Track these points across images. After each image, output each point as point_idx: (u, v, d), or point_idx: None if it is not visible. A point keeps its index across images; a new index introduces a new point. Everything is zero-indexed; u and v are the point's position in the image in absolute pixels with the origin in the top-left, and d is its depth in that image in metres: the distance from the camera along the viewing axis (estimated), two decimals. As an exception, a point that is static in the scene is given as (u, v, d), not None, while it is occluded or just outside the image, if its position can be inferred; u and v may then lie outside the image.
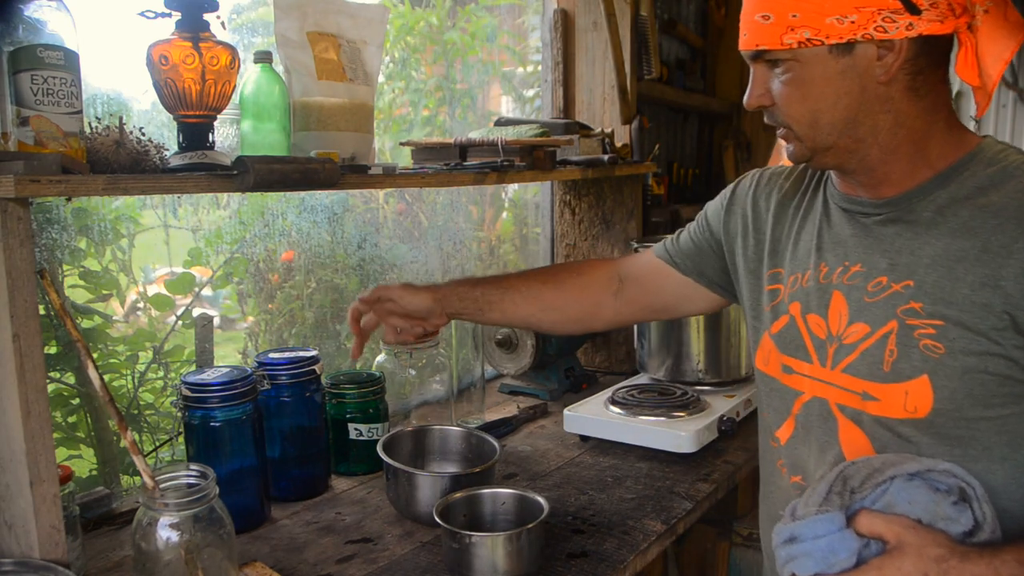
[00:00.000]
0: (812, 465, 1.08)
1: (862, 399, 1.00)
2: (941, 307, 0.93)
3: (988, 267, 0.91)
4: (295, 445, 1.47)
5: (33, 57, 0.97)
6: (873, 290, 1.00)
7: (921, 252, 0.97)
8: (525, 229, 2.56)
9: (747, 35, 0.99)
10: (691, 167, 3.09)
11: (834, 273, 1.05)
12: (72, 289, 1.44)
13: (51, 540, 0.96)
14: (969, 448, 0.94)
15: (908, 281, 0.97)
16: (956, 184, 0.97)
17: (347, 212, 1.90)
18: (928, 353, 0.94)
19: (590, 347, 2.33)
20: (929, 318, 0.94)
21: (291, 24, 1.31)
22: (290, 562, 1.25)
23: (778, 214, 1.17)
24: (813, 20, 0.92)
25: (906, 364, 0.96)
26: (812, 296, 1.07)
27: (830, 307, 1.05)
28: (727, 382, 1.91)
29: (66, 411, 1.46)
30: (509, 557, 1.15)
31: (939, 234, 0.96)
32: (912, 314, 0.96)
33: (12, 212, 0.90)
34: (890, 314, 0.97)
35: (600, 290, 1.38)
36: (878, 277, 1.00)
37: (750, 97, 1.02)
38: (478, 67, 2.36)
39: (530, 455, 1.69)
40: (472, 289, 1.34)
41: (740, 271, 1.23)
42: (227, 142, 1.29)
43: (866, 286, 1.01)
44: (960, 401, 0.93)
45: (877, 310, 0.99)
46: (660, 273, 1.35)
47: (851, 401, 1.01)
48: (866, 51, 0.93)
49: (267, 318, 1.84)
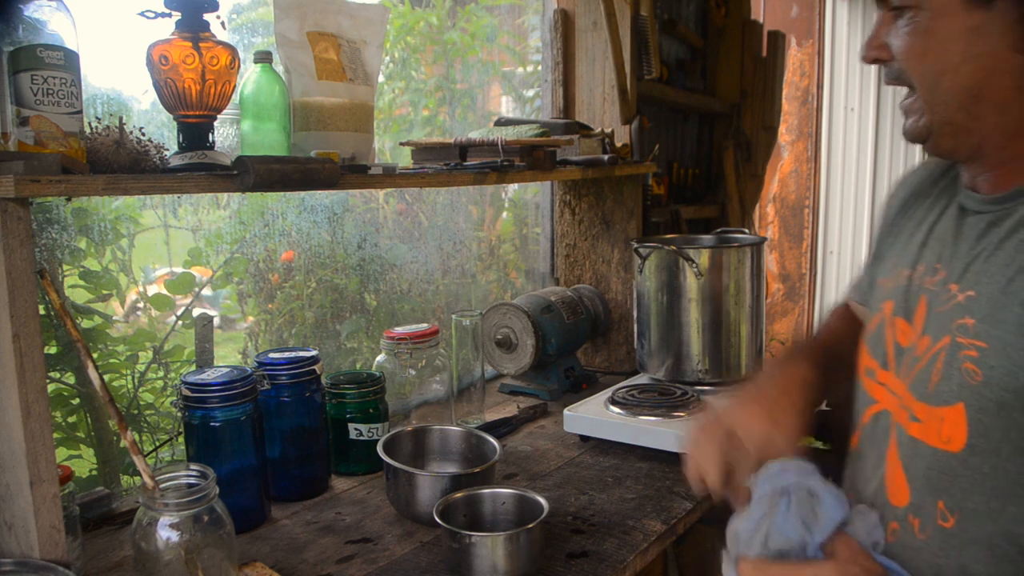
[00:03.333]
0: (861, 482, 0.99)
1: (909, 419, 0.90)
2: (988, 326, 0.81)
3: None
4: (295, 445, 1.47)
5: (33, 57, 0.97)
6: (945, 298, 0.88)
7: (994, 259, 0.84)
8: (525, 229, 2.56)
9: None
10: (691, 167, 3.09)
11: (926, 276, 0.94)
12: (72, 289, 1.45)
13: (51, 540, 0.96)
14: (1007, 503, 0.81)
15: (971, 291, 0.85)
16: None
17: (347, 212, 1.91)
18: (967, 379, 0.82)
19: (590, 347, 2.33)
20: (975, 337, 0.82)
21: (291, 24, 1.31)
22: (290, 562, 1.25)
23: (910, 208, 1.05)
24: None
25: (946, 387, 0.85)
26: (901, 297, 0.97)
27: (916, 313, 0.93)
28: (727, 382, 1.91)
29: (66, 411, 1.46)
30: (509, 557, 1.15)
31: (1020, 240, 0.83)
32: (963, 331, 0.84)
33: (12, 212, 0.90)
34: (947, 327, 0.86)
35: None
36: (951, 284, 0.88)
37: (867, 47, 0.91)
38: (478, 67, 2.36)
39: (530, 455, 1.69)
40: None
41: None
42: (227, 142, 1.29)
43: (942, 293, 0.89)
44: (997, 442, 0.81)
45: (941, 321, 0.88)
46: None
47: (903, 419, 0.91)
48: (1007, 9, 0.79)
49: (267, 318, 1.84)
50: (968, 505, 0.84)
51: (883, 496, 0.93)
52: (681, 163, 3.04)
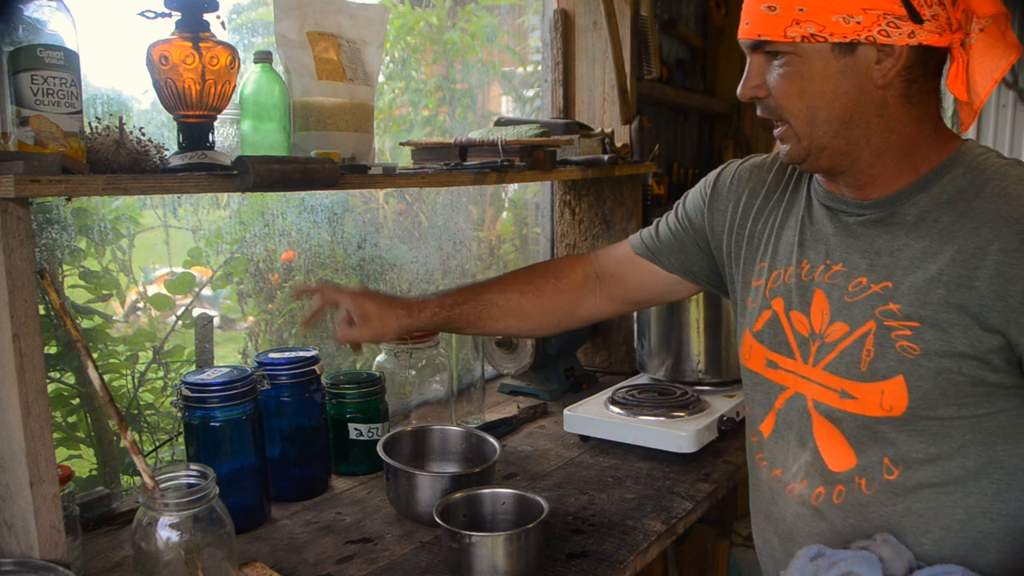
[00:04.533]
0: (789, 459, 1.10)
1: (840, 396, 1.02)
2: (917, 308, 0.95)
3: (963, 268, 0.93)
4: (295, 445, 1.47)
5: (33, 57, 0.97)
6: (853, 290, 1.02)
7: (900, 255, 0.99)
8: (525, 229, 2.56)
9: (750, 24, 0.99)
10: (691, 167, 3.09)
11: (816, 271, 1.07)
12: (72, 289, 1.44)
13: (51, 540, 0.96)
14: (944, 446, 0.97)
15: (887, 283, 0.99)
16: (937, 188, 0.99)
17: (347, 212, 1.91)
18: (904, 354, 0.96)
19: (590, 347, 2.33)
20: (906, 320, 0.96)
21: (291, 24, 1.31)
22: (290, 562, 1.25)
23: (761, 208, 1.18)
24: (819, 16, 0.93)
25: (882, 364, 0.97)
26: (794, 293, 1.09)
27: (812, 305, 1.06)
28: (727, 382, 1.91)
29: (66, 411, 1.46)
30: (509, 557, 1.15)
31: (918, 237, 0.98)
32: (890, 315, 0.98)
33: (12, 212, 0.90)
34: (868, 315, 0.99)
35: (577, 292, 1.37)
36: (858, 277, 1.02)
37: (744, 87, 1.03)
38: (478, 67, 2.36)
39: (530, 455, 1.69)
40: (450, 310, 1.30)
41: (727, 266, 1.23)
42: (227, 142, 1.29)
43: (847, 286, 1.03)
44: (935, 400, 0.95)
45: (856, 310, 1.01)
46: (642, 269, 1.33)
47: (829, 399, 1.03)
48: (867, 53, 0.94)
49: (267, 318, 1.84)
50: (911, 456, 0.98)
51: (821, 466, 1.05)
52: (681, 163, 3.05)
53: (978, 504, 0.97)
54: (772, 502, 1.13)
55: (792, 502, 1.09)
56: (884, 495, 1.00)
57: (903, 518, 0.99)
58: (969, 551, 0.97)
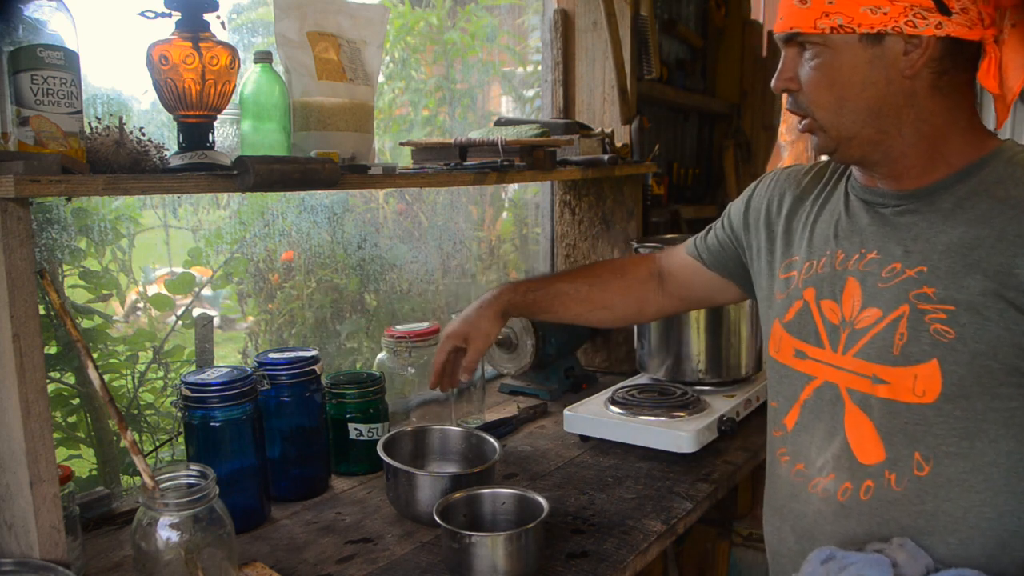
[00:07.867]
0: (814, 453, 1.09)
1: (872, 383, 1.01)
2: (953, 292, 0.95)
3: (1003, 255, 0.93)
4: (295, 445, 1.47)
5: (33, 57, 0.97)
6: (887, 276, 1.02)
7: (936, 240, 0.99)
8: (525, 229, 2.56)
9: (783, 18, 1.01)
10: (691, 167, 3.09)
11: (850, 260, 1.07)
12: (72, 289, 1.45)
13: (51, 540, 0.96)
14: (976, 440, 0.96)
15: (922, 267, 0.99)
16: (976, 179, 0.99)
17: (347, 212, 1.91)
18: (938, 338, 0.96)
19: (590, 347, 2.33)
20: (941, 303, 0.96)
21: (291, 24, 1.31)
22: (290, 562, 1.25)
23: (794, 207, 1.20)
24: (847, 8, 0.96)
25: (916, 348, 0.97)
26: (826, 282, 1.09)
27: (844, 293, 1.06)
28: (727, 382, 1.91)
29: (66, 411, 1.46)
30: (509, 557, 1.15)
31: (956, 223, 0.98)
32: (924, 299, 0.97)
33: (12, 212, 0.90)
34: (902, 298, 0.99)
35: (643, 288, 1.46)
36: (893, 263, 1.02)
37: (778, 80, 1.05)
38: (478, 67, 2.36)
39: (530, 455, 1.69)
40: (524, 295, 1.42)
41: (755, 264, 1.25)
42: (227, 142, 1.29)
43: (880, 272, 1.03)
44: (968, 388, 0.95)
45: (889, 295, 1.01)
46: (692, 269, 1.41)
47: (861, 385, 1.03)
48: (894, 44, 0.96)
49: (267, 318, 1.84)
50: (943, 450, 0.97)
51: (849, 459, 1.04)
52: (681, 163, 3.04)
53: (1007, 503, 0.96)
54: (792, 498, 1.12)
55: (815, 498, 1.08)
56: (914, 492, 0.99)
57: (932, 517, 0.98)
58: (995, 550, 0.96)
